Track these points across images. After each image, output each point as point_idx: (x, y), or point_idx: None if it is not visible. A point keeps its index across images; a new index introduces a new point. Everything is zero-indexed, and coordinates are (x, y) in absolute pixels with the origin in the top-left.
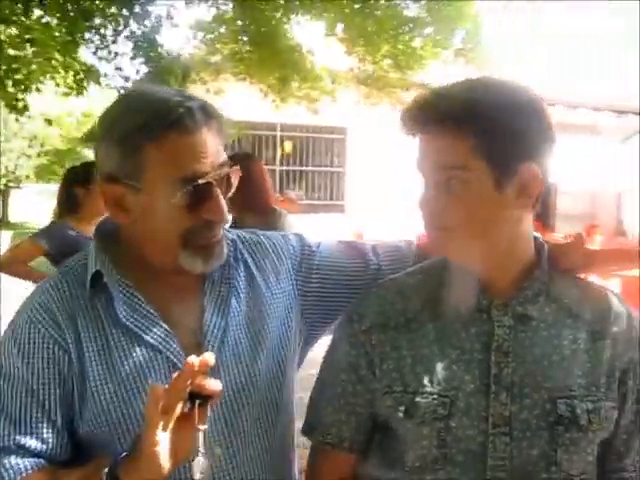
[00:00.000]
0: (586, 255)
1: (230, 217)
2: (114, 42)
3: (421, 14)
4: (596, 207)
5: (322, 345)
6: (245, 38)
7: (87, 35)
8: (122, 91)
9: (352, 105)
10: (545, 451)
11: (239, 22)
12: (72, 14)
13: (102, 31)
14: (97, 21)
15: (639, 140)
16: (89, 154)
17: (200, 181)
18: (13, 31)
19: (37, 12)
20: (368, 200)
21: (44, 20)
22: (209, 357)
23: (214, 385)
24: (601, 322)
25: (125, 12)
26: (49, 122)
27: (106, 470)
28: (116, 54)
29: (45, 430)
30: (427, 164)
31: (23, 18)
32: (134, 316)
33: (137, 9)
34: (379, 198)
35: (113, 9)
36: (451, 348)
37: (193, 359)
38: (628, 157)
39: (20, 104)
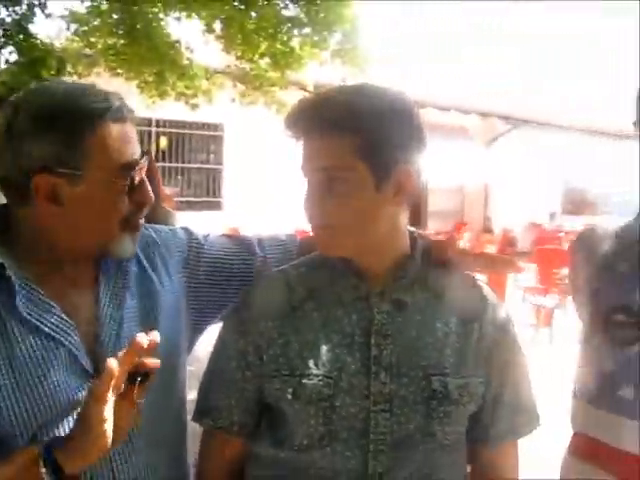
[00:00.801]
0: (457, 254)
1: None
2: None
3: (300, 14)
4: (465, 205)
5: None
6: (121, 32)
7: None
8: None
9: (229, 102)
10: (422, 424)
11: (115, 15)
12: None
13: None
14: None
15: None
16: None
17: (138, 166)
18: None
19: None
20: (245, 197)
21: None
22: (156, 336)
23: (154, 362)
24: (470, 307)
25: None
26: None
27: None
28: None
29: None
30: (311, 166)
31: None
32: (34, 309)
33: None
34: (256, 195)
35: None
36: (334, 333)
37: (142, 337)
38: (494, 158)
39: None
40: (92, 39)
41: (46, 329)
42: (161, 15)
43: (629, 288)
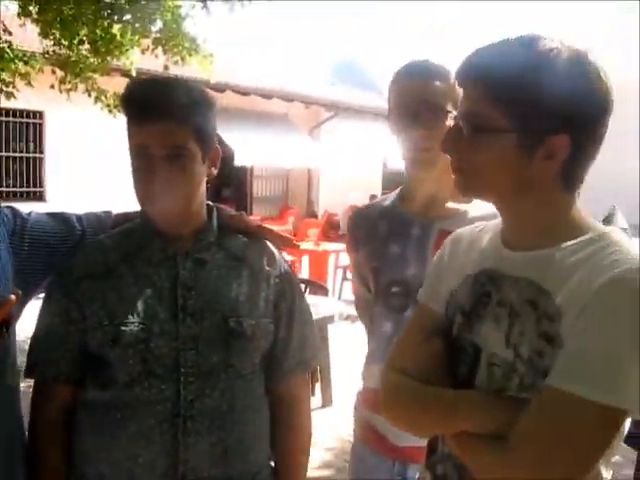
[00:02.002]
0: (246, 223)
1: None
2: None
3: (119, 1)
4: (289, 190)
5: None
6: None
7: None
8: None
9: (49, 89)
10: (223, 357)
11: None
12: None
13: None
14: None
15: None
16: None
17: None
18: None
19: None
20: (69, 186)
21: None
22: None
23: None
24: (259, 262)
25: None
26: None
27: None
28: None
29: None
30: (155, 142)
31: None
32: None
33: None
34: (80, 184)
35: None
36: (146, 287)
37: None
38: (316, 144)
39: None
40: None
41: None
42: None
43: (401, 265)
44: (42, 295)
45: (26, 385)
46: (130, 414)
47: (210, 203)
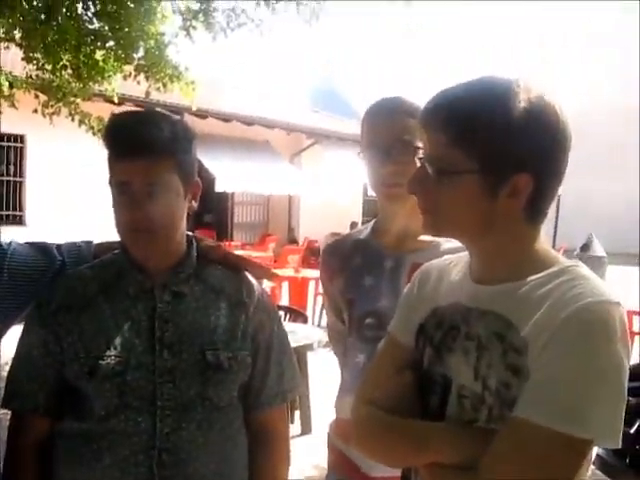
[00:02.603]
0: (224, 254)
1: None
2: None
3: (103, 28)
4: (270, 216)
5: None
6: None
7: None
8: None
9: (31, 113)
10: (200, 390)
11: None
12: None
13: None
14: None
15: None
16: None
17: None
18: None
19: None
20: (49, 211)
21: None
22: None
23: None
24: (237, 295)
25: None
26: None
27: None
28: None
29: None
30: (137, 179)
31: None
32: None
33: None
34: (61, 209)
35: None
36: (124, 320)
37: None
38: (297, 171)
39: None
40: None
41: None
42: None
43: (375, 298)
44: (21, 323)
45: (2, 412)
46: (106, 445)
47: (189, 234)
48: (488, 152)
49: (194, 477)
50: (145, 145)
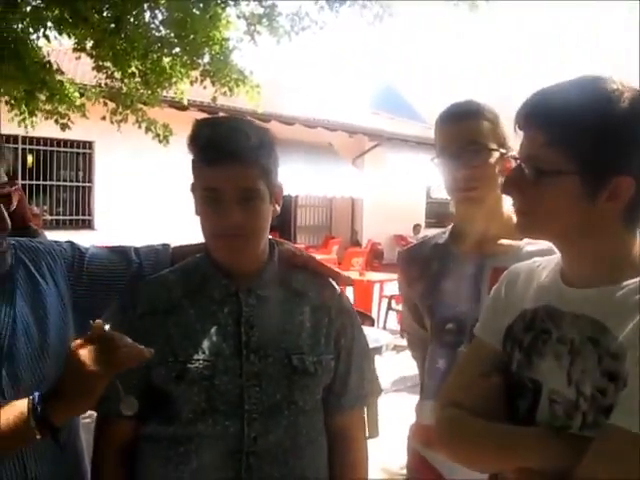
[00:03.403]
0: (306, 261)
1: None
2: None
3: (169, 35)
4: (333, 219)
5: None
6: None
7: None
8: None
9: (100, 120)
10: (286, 394)
11: None
12: None
13: None
14: None
15: (370, 158)
16: None
17: None
18: None
19: None
20: (117, 215)
21: None
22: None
23: None
24: (319, 298)
25: None
26: None
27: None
28: None
29: None
30: (229, 185)
31: None
32: None
33: None
34: (128, 213)
35: None
36: (210, 324)
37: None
38: (359, 173)
39: None
40: None
41: None
42: (31, 30)
43: (455, 303)
44: None
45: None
46: (194, 448)
47: (271, 238)
48: (589, 153)
49: None
50: (236, 152)
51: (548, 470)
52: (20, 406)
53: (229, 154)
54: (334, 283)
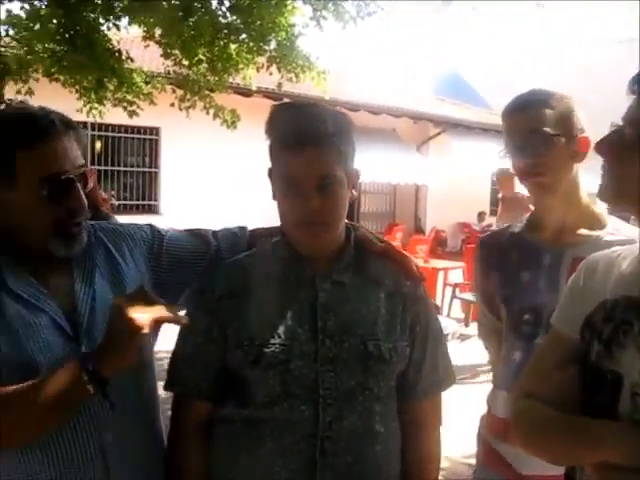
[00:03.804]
0: (382, 247)
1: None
2: None
3: (235, 22)
4: (396, 206)
5: None
6: (59, 38)
7: None
8: None
9: (167, 106)
10: (361, 380)
11: (55, 21)
12: None
13: None
14: None
15: (435, 144)
16: None
17: (63, 177)
18: None
19: None
20: (183, 200)
21: None
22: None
23: None
24: (395, 285)
25: None
26: None
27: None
28: None
29: None
30: (309, 171)
31: None
32: (16, 282)
33: None
34: (193, 198)
35: None
36: (286, 309)
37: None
38: (424, 160)
39: None
40: (32, 45)
41: (25, 296)
42: (102, 20)
43: (533, 294)
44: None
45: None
46: (268, 432)
47: (347, 222)
48: None
49: (354, 466)
50: (316, 136)
51: (631, 465)
52: (70, 364)
53: (310, 138)
54: (408, 270)
